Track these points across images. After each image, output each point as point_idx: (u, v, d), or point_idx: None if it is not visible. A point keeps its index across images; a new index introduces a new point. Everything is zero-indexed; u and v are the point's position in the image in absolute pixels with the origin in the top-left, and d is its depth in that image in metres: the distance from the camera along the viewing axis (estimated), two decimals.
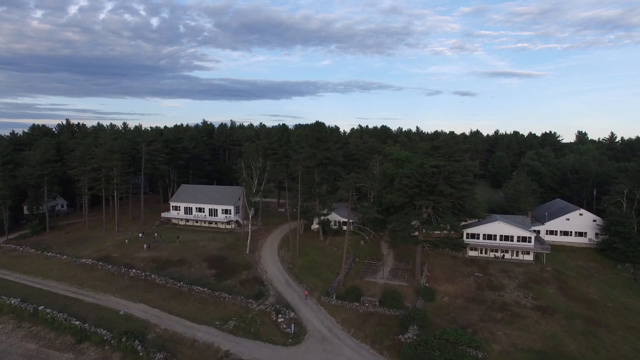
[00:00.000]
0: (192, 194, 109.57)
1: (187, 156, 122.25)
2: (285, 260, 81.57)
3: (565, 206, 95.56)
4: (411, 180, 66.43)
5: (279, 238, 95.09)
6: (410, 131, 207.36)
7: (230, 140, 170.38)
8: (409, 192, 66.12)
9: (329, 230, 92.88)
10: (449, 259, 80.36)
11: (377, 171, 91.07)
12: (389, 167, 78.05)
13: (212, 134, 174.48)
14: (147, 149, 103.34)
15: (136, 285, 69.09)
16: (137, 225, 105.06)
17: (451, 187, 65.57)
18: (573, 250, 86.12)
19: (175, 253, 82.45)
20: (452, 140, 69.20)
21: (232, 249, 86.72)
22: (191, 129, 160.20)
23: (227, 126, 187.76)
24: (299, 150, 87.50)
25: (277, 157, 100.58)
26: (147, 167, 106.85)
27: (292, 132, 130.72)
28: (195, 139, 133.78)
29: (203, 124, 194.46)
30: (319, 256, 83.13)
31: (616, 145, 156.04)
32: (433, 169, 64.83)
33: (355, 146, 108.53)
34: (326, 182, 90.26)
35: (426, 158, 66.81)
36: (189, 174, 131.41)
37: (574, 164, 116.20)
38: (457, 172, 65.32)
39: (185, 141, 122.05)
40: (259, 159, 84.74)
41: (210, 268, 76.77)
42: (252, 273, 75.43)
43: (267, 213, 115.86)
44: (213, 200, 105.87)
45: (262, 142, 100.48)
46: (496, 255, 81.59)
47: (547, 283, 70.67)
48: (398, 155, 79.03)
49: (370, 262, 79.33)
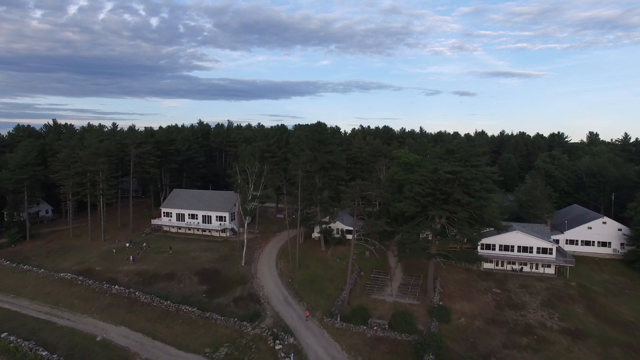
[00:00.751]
0: (184, 199, 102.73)
1: (179, 159, 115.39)
2: (284, 274, 74.78)
3: (585, 213, 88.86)
4: (424, 187, 59.66)
5: (277, 248, 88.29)
6: (414, 131, 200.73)
7: (227, 142, 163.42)
8: (422, 200, 59.34)
9: (331, 240, 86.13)
10: (462, 272, 73.61)
11: (383, 176, 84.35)
12: (397, 172, 71.43)
13: (208, 135, 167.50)
14: (136, 152, 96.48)
15: (118, 304, 62.21)
16: (125, 233, 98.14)
17: (468, 196, 58.80)
18: (596, 261, 79.43)
19: (163, 266, 75.58)
20: (469, 144, 62.43)
21: (226, 260, 79.88)
22: (185, 130, 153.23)
23: (223, 126, 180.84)
24: (298, 153, 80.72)
25: (276, 161, 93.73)
26: (136, 170, 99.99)
27: (291, 133, 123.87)
28: (189, 140, 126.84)
29: (199, 124, 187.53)
30: (320, 269, 76.35)
31: (630, 147, 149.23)
32: (448, 176, 58.05)
33: (358, 148, 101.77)
34: (328, 187, 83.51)
35: (440, 163, 60.02)
36: (183, 178, 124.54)
37: (590, 167, 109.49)
38: (474, 178, 58.54)
39: (177, 143, 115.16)
40: (256, 163, 77.92)
41: (202, 283, 69.93)
42: (248, 289, 68.64)
43: (264, 219, 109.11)
44: (207, 206, 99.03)
45: (259, 144, 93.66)
46: (514, 268, 74.85)
47: (573, 301, 63.94)
48: (407, 159, 72.41)
49: (376, 276, 72.54)
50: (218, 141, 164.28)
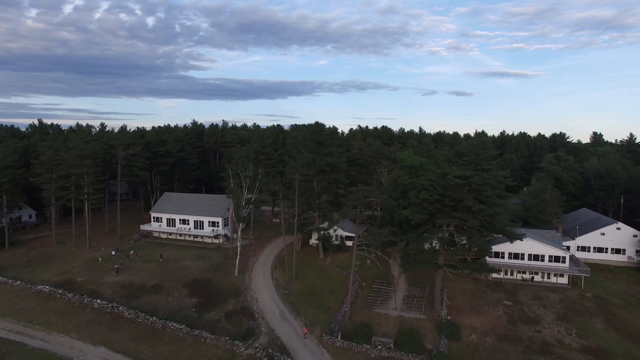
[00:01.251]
0: (175, 203, 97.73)
1: (171, 160, 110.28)
2: (280, 284, 70.01)
3: (596, 218, 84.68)
4: (431, 193, 55.06)
5: (273, 255, 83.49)
6: (413, 132, 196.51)
7: (222, 142, 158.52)
8: (429, 207, 54.73)
9: (329, 247, 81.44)
10: (470, 282, 69.13)
11: (385, 180, 79.75)
12: (401, 176, 66.86)
13: (202, 136, 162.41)
14: (124, 153, 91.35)
15: (100, 321, 57.21)
16: (113, 239, 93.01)
17: (480, 202, 54.27)
18: (610, 269, 75.20)
19: (151, 276, 70.57)
20: (479, 146, 57.87)
21: (219, 269, 75.02)
22: (177, 130, 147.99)
23: (218, 127, 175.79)
24: (295, 156, 75.96)
25: (271, 163, 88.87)
26: (124, 173, 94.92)
27: (288, 134, 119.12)
28: (181, 141, 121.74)
29: (193, 124, 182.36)
30: (319, 279, 71.65)
31: (636, 148, 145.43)
32: (458, 181, 53.47)
33: (358, 150, 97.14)
34: (327, 191, 78.84)
35: (449, 167, 55.43)
36: (174, 180, 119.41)
37: (599, 169, 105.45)
38: (486, 184, 54.01)
39: (169, 144, 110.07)
40: (250, 166, 73.09)
41: (192, 296, 65.03)
42: (241, 302, 63.81)
43: (260, 224, 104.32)
44: (199, 211, 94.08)
45: (254, 145, 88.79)
46: (524, 277, 70.49)
47: (590, 314, 59.56)
48: (411, 162, 67.89)
49: (379, 287, 67.92)
50: (212, 142, 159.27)
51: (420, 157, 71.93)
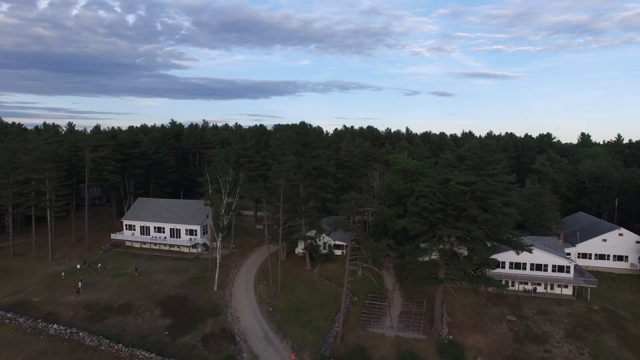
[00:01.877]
0: (150, 210, 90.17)
1: (145, 163, 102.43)
2: (263, 300, 63.70)
3: (596, 223, 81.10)
4: (432, 201, 49.65)
5: (256, 266, 77.08)
6: (400, 132, 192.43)
7: (201, 143, 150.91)
8: (430, 217, 49.30)
9: (317, 257, 75.46)
10: (469, 294, 64.09)
11: (377, 184, 74.25)
12: (396, 181, 61.42)
13: (180, 136, 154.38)
14: (91, 156, 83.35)
15: (55, 350, 49.84)
16: (80, 249, 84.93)
17: (484, 211, 49.16)
18: (613, 278, 71.46)
19: (120, 294, 63.25)
20: (483, 149, 52.83)
21: (196, 284, 68.22)
22: (154, 130, 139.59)
23: (198, 127, 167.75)
24: (280, 159, 69.70)
25: (254, 167, 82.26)
26: (93, 178, 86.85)
27: (271, 135, 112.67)
28: (157, 142, 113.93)
29: (171, 124, 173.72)
30: (306, 293, 65.60)
31: (624, 149, 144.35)
32: (461, 187, 48.20)
33: (347, 152, 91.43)
34: (314, 197, 72.85)
35: (451, 172, 50.13)
36: (150, 184, 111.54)
37: (593, 171, 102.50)
38: (492, 190, 48.93)
39: (143, 145, 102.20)
40: (230, 170, 66.49)
41: (165, 316, 58.12)
42: (221, 322, 57.26)
43: (242, 231, 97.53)
44: (175, 218, 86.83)
45: (235, 147, 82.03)
46: (526, 288, 65.98)
47: (601, 330, 55.20)
48: (406, 166, 62.57)
49: (372, 302, 62.31)
50: (191, 143, 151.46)
51: (415, 161, 66.66)
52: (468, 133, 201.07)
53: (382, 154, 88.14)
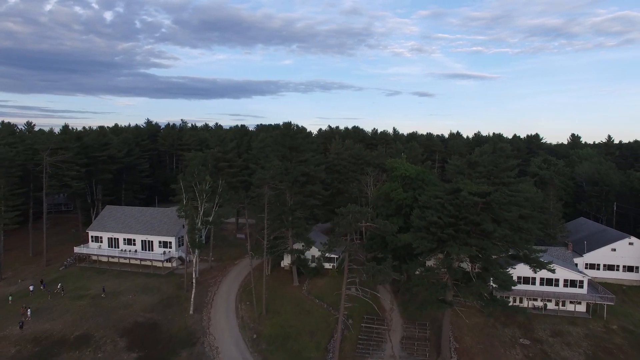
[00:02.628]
0: (119, 219, 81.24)
1: (115, 167, 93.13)
2: (246, 325, 56.15)
3: (602, 230, 76.39)
4: (441, 215, 43.08)
5: (238, 283, 69.41)
6: (386, 132, 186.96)
7: (179, 145, 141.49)
8: (439, 233, 42.71)
9: (305, 271, 68.27)
10: (476, 313, 57.97)
11: (372, 192, 67.51)
12: (395, 190, 54.80)
13: (156, 137, 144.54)
14: (50, 160, 73.96)
15: None
16: (37, 266, 75.42)
17: (498, 225, 42.90)
18: (624, 290, 66.64)
19: (78, 322, 54.65)
20: (497, 154, 46.64)
21: (170, 306, 60.14)
22: (127, 131, 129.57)
23: (175, 127, 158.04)
24: (264, 164, 62.17)
25: (234, 172, 74.32)
26: (52, 184, 77.36)
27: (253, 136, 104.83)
28: (129, 143, 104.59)
29: (147, 124, 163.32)
30: (295, 315, 58.33)
31: (614, 150, 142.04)
32: (475, 199, 41.80)
33: (336, 154, 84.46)
34: (302, 206, 65.60)
35: (462, 181, 43.67)
36: (121, 190, 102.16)
37: (592, 174, 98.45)
38: (510, 202, 42.71)
39: (112, 148, 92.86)
40: (207, 178, 58.64)
41: (131, 348, 49.97)
42: (197, 354, 49.50)
43: (221, 240, 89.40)
44: (148, 228, 78.21)
45: (213, 150, 73.93)
46: (535, 305, 60.37)
47: (625, 356, 49.76)
48: (405, 172, 56.04)
49: (369, 325, 55.48)
50: (168, 144, 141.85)
51: (416, 166, 60.18)
52: (456, 134, 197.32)
53: (374, 157, 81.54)
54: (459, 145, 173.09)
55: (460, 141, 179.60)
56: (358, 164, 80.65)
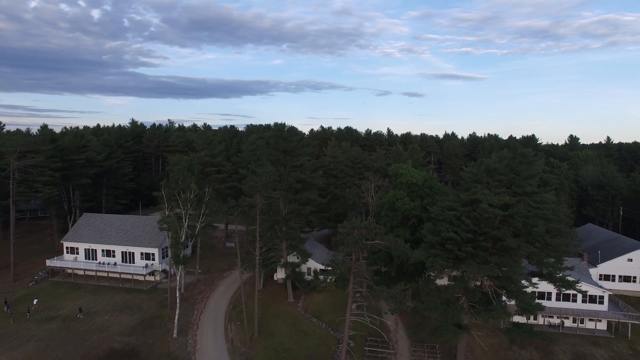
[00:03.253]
0: (97, 228, 74.76)
1: (93, 172, 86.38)
2: (236, 349, 50.36)
3: (614, 238, 72.23)
4: (458, 229, 37.88)
5: (227, 299, 63.55)
6: (380, 133, 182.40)
7: (165, 146, 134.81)
8: (456, 251, 37.51)
9: (301, 286, 62.76)
10: (489, 333, 52.92)
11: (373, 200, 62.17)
12: (401, 199, 49.38)
13: (141, 138, 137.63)
14: (18, 165, 67.17)
15: None
16: (4, 282, 68.52)
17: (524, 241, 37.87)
18: None
19: (42, 351, 48.21)
20: (519, 159, 41.64)
21: (151, 327, 54.09)
22: (109, 131, 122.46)
23: (161, 127, 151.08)
24: (255, 169, 56.38)
25: (223, 177, 68.38)
26: (21, 191, 70.54)
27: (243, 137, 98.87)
28: (110, 145, 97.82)
29: (131, 124, 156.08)
30: (290, 337, 52.71)
31: (614, 152, 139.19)
32: (496, 212, 36.69)
33: (332, 157, 79.02)
34: (297, 215, 60.02)
35: (480, 190, 38.53)
36: (102, 195, 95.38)
37: (598, 178, 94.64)
38: (536, 215, 37.70)
39: (91, 150, 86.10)
40: (192, 185, 52.70)
41: None
42: None
43: (209, 250, 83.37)
44: (129, 238, 71.92)
45: (200, 154, 67.88)
46: (552, 322, 55.65)
47: None
48: (412, 178, 50.70)
49: (373, 348, 50.10)
50: (153, 145, 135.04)
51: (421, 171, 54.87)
52: (451, 135, 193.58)
53: (373, 161, 76.26)
54: (454, 146, 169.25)
55: (455, 142, 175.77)
56: (356, 167, 75.28)
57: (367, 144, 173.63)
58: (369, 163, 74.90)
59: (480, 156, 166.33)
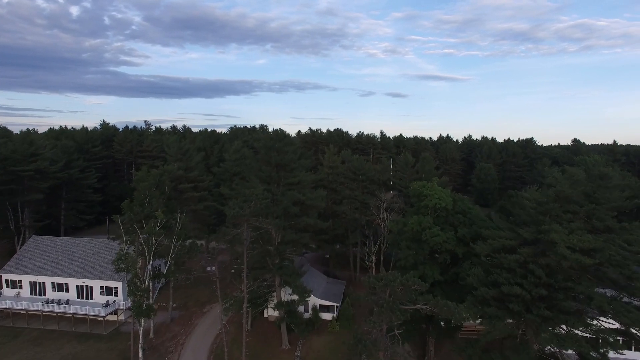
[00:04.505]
0: (48, 255, 61.76)
1: (46, 185, 72.89)
2: None
3: None
4: (524, 282, 27.09)
5: (208, 346, 51.63)
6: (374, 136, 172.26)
7: (138, 151, 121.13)
8: (525, 314, 26.72)
9: (298, 329, 51.28)
10: None
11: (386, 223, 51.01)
12: (428, 228, 38.26)
13: (112, 142, 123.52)
14: None
15: None
16: None
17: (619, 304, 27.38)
18: None
19: None
20: (597, 183, 31.20)
21: None
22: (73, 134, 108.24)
23: (135, 130, 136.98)
24: (242, 189, 44.59)
25: (200, 196, 56.12)
26: None
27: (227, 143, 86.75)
28: (69, 152, 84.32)
29: (102, 126, 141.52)
30: None
31: (620, 157, 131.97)
32: (580, 258, 26.07)
33: (330, 168, 67.84)
34: (294, 244, 48.58)
35: (551, 226, 27.87)
36: (60, 211, 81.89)
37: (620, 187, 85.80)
38: (628, 259, 27.29)
39: (43, 160, 72.60)
40: (158, 213, 40.62)
41: None
42: None
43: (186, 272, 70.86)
44: (86, 268, 59.28)
45: (172, 166, 55.52)
46: None
47: None
48: (439, 201, 39.71)
49: None
50: (125, 151, 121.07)
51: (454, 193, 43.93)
52: (446, 137, 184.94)
53: (379, 172, 65.23)
54: (451, 149, 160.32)
55: (452, 145, 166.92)
56: (359, 180, 64.20)
57: (359, 147, 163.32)
58: (373, 175, 63.93)
59: (478, 160, 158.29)
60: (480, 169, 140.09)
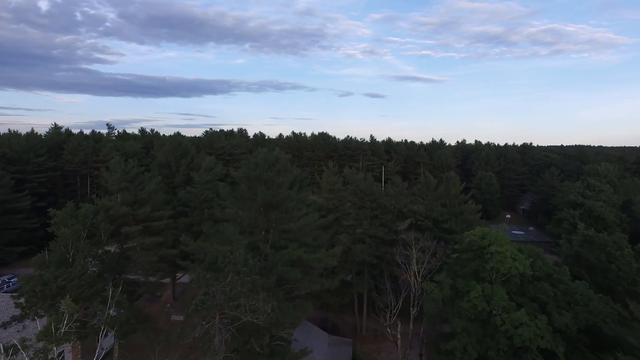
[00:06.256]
0: None
1: None
2: None
3: None
4: None
5: None
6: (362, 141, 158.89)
7: (94, 161, 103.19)
8: None
9: None
10: None
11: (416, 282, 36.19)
12: (506, 312, 24.36)
13: (62, 151, 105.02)
14: None
15: None
16: None
17: None
18: None
19: None
20: None
21: None
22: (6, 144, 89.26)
23: (91, 137, 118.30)
24: (217, 247, 29.22)
25: (155, 242, 39.75)
26: None
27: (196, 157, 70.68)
28: None
29: (52, 130, 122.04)
30: None
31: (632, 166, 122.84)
32: None
33: (330, 192, 52.99)
34: (289, 316, 33.47)
35: None
36: None
37: None
38: None
39: None
40: (67, 301, 24.86)
41: None
42: None
43: (146, 321, 54.59)
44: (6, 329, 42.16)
45: (114, 201, 38.69)
46: None
47: None
48: (516, 268, 25.65)
49: None
50: (78, 161, 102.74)
51: (541, 256, 29.89)
52: (440, 142, 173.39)
53: (393, 198, 51.10)
54: (446, 155, 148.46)
55: (446, 150, 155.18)
56: (366, 207, 49.57)
57: (347, 153, 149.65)
58: (386, 203, 49.48)
59: (476, 168, 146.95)
60: (480, 178, 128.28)
